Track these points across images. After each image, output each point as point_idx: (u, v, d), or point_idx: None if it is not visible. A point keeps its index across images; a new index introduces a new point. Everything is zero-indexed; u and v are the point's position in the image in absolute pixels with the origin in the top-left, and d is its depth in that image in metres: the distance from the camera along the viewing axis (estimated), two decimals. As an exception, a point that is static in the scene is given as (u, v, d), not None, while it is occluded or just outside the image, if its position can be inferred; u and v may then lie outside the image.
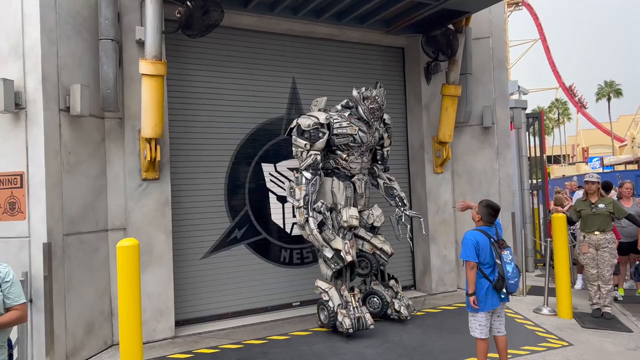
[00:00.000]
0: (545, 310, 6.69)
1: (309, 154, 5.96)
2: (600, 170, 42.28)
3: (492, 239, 4.32)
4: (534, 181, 10.67)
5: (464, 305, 7.41)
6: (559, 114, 69.64)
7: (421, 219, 6.64)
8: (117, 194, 5.88)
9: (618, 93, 61.37)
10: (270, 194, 7.16)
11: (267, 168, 7.16)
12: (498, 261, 4.25)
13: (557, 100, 69.41)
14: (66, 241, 5.17)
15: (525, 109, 9.86)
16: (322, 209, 5.89)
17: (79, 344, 5.30)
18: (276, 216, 7.18)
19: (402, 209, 6.52)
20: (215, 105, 6.80)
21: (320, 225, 5.80)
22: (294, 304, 7.17)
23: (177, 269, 6.35)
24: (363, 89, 6.16)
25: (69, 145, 5.28)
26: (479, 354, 4.46)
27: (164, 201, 6.03)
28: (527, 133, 10.17)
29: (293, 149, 6.10)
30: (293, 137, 6.09)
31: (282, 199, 7.19)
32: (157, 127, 5.67)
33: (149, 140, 5.71)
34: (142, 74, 5.57)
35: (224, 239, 6.80)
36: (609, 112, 59.97)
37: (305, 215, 5.76)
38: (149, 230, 5.93)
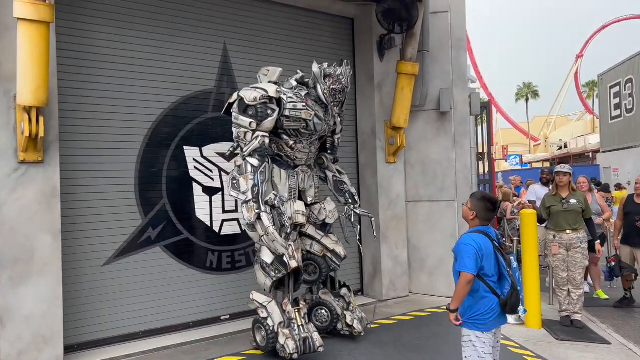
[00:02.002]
0: (510, 319, 5.91)
1: (254, 136, 4.72)
2: (519, 167, 44.19)
3: (495, 242, 3.32)
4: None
5: (421, 314, 6.59)
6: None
7: (372, 219, 5.64)
8: (-17, 181, 4.37)
9: (535, 94, 64.63)
10: (195, 185, 5.84)
11: (190, 152, 5.82)
12: (509, 270, 3.26)
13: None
14: None
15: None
16: (276, 201, 4.71)
17: None
18: (202, 212, 5.87)
19: (352, 206, 5.49)
20: (124, 70, 5.38)
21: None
22: (222, 318, 5.92)
23: (70, 279, 4.91)
24: (325, 65, 5.04)
25: None
26: None
27: (50, 191, 4.56)
28: (475, 123, 9.57)
29: (234, 129, 4.83)
30: (234, 114, 4.82)
31: (209, 191, 5.90)
32: (39, 92, 4.21)
33: (28, 110, 4.24)
34: (19, 19, 4.09)
35: (134, 241, 5.41)
36: (527, 112, 63.04)
37: (257, 211, 4.55)
38: (28, 229, 4.44)
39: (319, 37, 6.87)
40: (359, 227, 5.60)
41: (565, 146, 45.41)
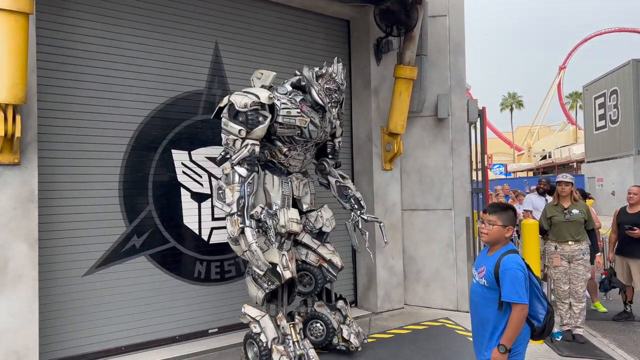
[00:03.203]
0: (511, 333, 5.70)
1: (244, 144, 4.41)
2: (504, 177, 44.50)
3: (525, 261, 3.00)
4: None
5: (418, 327, 6.32)
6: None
7: (381, 224, 5.38)
8: (-47, 184, 4.03)
9: (519, 104, 65.34)
10: (183, 190, 5.54)
11: (179, 156, 5.52)
12: (545, 292, 2.98)
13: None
14: None
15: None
16: (262, 215, 4.43)
17: None
18: (190, 219, 5.56)
19: (359, 212, 5.23)
20: (110, 68, 5.08)
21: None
22: (210, 332, 5.61)
23: (47, 291, 4.58)
24: (316, 68, 4.78)
25: None
26: None
27: (26, 196, 4.22)
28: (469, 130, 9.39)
29: (223, 135, 4.53)
30: (223, 119, 4.52)
31: (197, 197, 5.60)
32: (15, 88, 3.89)
33: (4, 108, 3.92)
34: (-6, 9, 3.80)
35: (118, 249, 5.08)
36: (512, 122, 63.67)
37: (241, 225, 4.24)
38: (1, 237, 4.10)
39: (314, 38, 6.64)
40: (367, 233, 5.33)
41: (550, 156, 45.87)
